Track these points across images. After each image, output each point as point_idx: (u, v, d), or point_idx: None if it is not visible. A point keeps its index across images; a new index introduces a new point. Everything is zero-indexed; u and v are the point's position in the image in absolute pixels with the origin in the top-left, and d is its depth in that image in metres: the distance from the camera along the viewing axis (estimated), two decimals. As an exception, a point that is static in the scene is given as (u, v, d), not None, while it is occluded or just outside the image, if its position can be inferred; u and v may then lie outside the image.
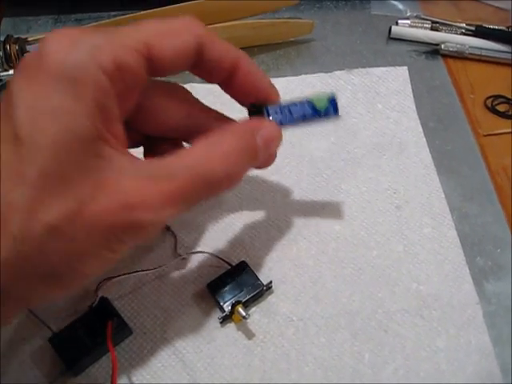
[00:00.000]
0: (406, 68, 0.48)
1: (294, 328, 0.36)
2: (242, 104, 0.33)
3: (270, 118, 0.33)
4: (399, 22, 0.51)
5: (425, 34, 0.50)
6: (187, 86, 0.33)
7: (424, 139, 0.44)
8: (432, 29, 0.51)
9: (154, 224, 0.27)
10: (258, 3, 0.51)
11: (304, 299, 0.37)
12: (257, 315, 0.36)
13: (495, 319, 0.36)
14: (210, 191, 0.29)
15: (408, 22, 0.51)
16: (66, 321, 0.35)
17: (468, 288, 0.37)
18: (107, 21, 0.50)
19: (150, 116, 0.32)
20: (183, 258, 0.38)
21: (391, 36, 0.51)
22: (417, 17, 0.51)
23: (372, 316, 0.36)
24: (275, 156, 0.35)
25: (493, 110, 0.46)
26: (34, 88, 0.25)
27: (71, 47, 0.26)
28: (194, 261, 0.38)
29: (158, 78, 0.31)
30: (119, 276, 0.36)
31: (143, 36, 0.27)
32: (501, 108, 0.46)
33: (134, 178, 0.26)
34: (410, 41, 0.51)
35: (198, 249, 0.38)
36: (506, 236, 0.40)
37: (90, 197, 0.25)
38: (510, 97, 0.47)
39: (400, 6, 0.53)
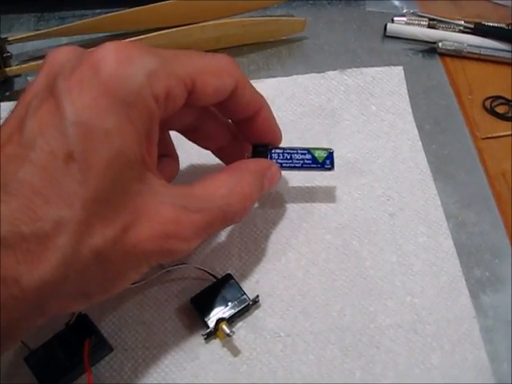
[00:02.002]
0: (401, 68, 0.46)
1: (282, 344, 0.34)
2: (247, 141, 0.36)
3: (273, 159, 0.36)
4: (395, 19, 0.49)
5: (421, 31, 0.48)
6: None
7: (420, 143, 0.42)
8: (429, 26, 0.49)
9: (183, 252, 0.29)
10: (249, 1, 0.49)
11: (292, 313, 0.35)
12: (243, 331, 0.35)
13: (492, 334, 0.35)
14: (224, 224, 0.32)
15: (404, 19, 0.49)
16: (44, 338, 0.33)
17: (464, 301, 0.35)
18: (91, 19, 0.48)
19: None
20: (167, 271, 0.36)
21: (387, 34, 0.49)
22: (413, 14, 0.49)
23: (363, 331, 0.34)
24: None
25: (492, 112, 0.44)
26: (88, 103, 0.25)
27: (129, 67, 0.26)
28: (178, 273, 0.36)
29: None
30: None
31: (191, 70, 0.28)
32: (500, 109, 0.44)
33: (170, 206, 0.27)
34: (406, 39, 0.49)
35: (183, 260, 0.37)
36: (504, 245, 0.38)
37: (132, 223, 0.26)
38: (509, 98, 0.45)
39: (396, 2, 0.51)
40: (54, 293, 0.25)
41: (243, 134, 0.36)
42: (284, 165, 0.36)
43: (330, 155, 0.36)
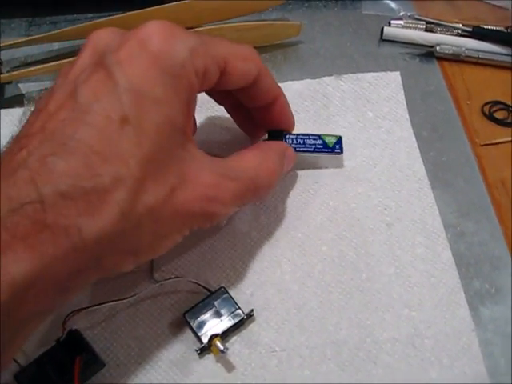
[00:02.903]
0: (398, 73, 0.45)
1: (277, 359, 0.34)
2: (264, 127, 0.38)
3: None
4: (392, 22, 0.48)
5: (419, 35, 0.47)
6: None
7: (417, 150, 0.41)
8: (426, 30, 0.48)
9: (221, 216, 0.32)
10: (244, 3, 0.48)
11: (288, 327, 0.34)
12: (237, 345, 0.34)
13: (492, 348, 0.34)
14: (253, 195, 0.33)
15: (401, 22, 0.48)
16: (34, 354, 0.32)
17: (463, 313, 0.35)
18: (83, 24, 0.47)
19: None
20: (160, 284, 0.35)
21: (383, 37, 0.48)
22: (410, 17, 0.48)
23: (360, 346, 0.34)
24: None
25: (491, 118, 0.44)
26: (139, 73, 0.27)
27: (173, 42, 0.28)
28: (171, 287, 0.36)
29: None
30: (89, 308, 0.33)
31: (224, 53, 0.31)
32: (499, 115, 0.44)
33: (211, 173, 0.30)
34: (404, 42, 0.48)
35: (176, 273, 0.36)
36: (504, 255, 0.37)
37: (178, 185, 0.28)
38: (509, 103, 0.44)
39: (393, 4, 0.50)
40: (111, 246, 0.26)
41: (260, 120, 0.38)
42: (298, 149, 0.38)
43: (339, 140, 0.39)
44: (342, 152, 0.39)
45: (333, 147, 0.39)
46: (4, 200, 0.24)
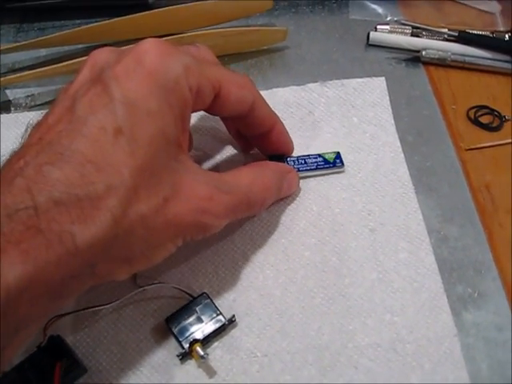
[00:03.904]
0: (383, 79, 0.45)
1: (258, 365, 0.34)
2: (263, 153, 0.40)
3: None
4: (378, 27, 0.48)
5: (405, 40, 0.47)
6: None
7: (402, 155, 0.41)
8: (413, 34, 0.48)
9: (214, 228, 0.32)
10: (230, 10, 0.48)
11: (269, 333, 0.34)
12: (219, 351, 0.34)
13: (474, 352, 0.34)
14: (247, 210, 0.34)
15: (387, 27, 0.48)
16: (16, 360, 0.32)
17: (445, 318, 0.35)
18: (71, 30, 0.47)
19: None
20: (143, 290, 0.35)
21: (370, 42, 0.48)
22: (397, 22, 0.48)
23: (342, 351, 0.34)
24: None
25: (476, 122, 0.44)
26: (134, 88, 0.28)
27: (168, 59, 0.29)
28: (154, 292, 0.36)
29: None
30: (71, 313, 0.33)
31: (219, 76, 0.32)
32: (484, 120, 0.44)
33: (205, 185, 0.31)
34: (390, 47, 0.48)
35: (159, 278, 0.36)
36: (487, 260, 0.37)
37: (172, 195, 0.29)
38: (494, 107, 0.44)
39: (380, 9, 0.50)
40: (104, 253, 0.27)
41: (259, 147, 0.39)
42: (300, 169, 0.40)
43: (338, 155, 0.41)
44: (343, 165, 0.40)
45: (333, 162, 0.40)
46: (2, 208, 0.25)
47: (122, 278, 0.30)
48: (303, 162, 0.40)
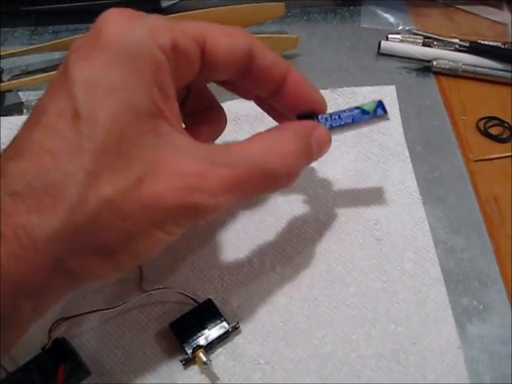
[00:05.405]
0: (393, 87, 0.45)
1: (261, 372, 0.34)
2: (290, 115, 0.34)
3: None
4: (389, 36, 0.48)
5: (416, 49, 0.47)
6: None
7: (410, 165, 0.41)
8: (424, 44, 0.48)
9: (211, 209, 0.27)
10: (242, 16, 0.48)
11: (273, 340, 0.35)
12: (222, 357, 0.34)
13: (477, 365, 0.34)
14: (267, 185, 0.30)
15: (399, 36, 0.48)
16: (21, 361, 0.33)
17: (450, 330, 0.35)
18: (86, 34, 0.48)
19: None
20: (148, 294, 0.36)
21: (381, 51, 0.48)
22: (408, 31, 0.49)
23: (345, 360, 0.34)
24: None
25: (485, 133, 0.43)
26: (93, 64, 0.26)
27: (130, 25, 0.26)
28: (159, 297, 0.36)
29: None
30: (76, 316, 0.34)
31: (200, 28, 0.28)
32: (494, 131, 0.44)
33: (193, 159, 0.27)
34: (401, 57, 0.48)
35: (164, 283, 0.36)
36: (493, 272, 0.37)
37: (148, 175, 0.26)
38: (504, 119, 0.44)
39: (392, 19, 0.50)
40: (68, 246, 0.25)
41: (284, 108, 0.34)
42: (334, 124, 0.34)
43: (380, 103, 0.35)
44: (386, 113, 0.35)
45: (374, 111, 0.35)
46: None
47: (108, 274, 0.28)
48: (337, 117, 0.34)
